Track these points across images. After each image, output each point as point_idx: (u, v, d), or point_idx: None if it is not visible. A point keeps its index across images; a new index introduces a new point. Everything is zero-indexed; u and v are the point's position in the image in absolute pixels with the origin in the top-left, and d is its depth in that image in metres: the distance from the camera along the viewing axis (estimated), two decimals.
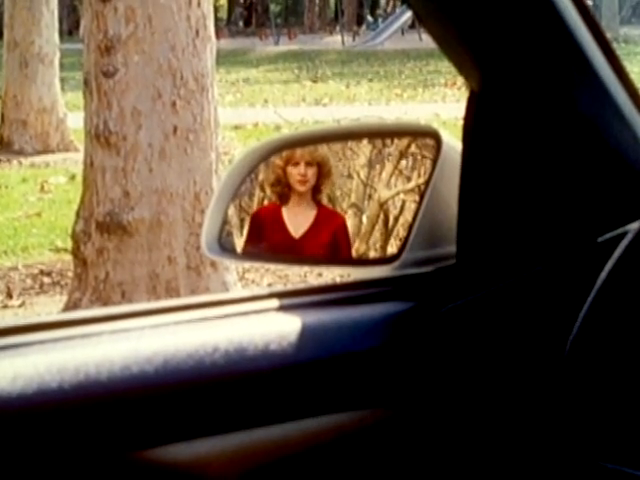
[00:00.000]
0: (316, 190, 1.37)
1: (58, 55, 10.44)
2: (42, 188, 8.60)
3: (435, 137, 1.23)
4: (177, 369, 0.97)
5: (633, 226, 1.03)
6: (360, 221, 1.32)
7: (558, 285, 1.09)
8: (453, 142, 1.21)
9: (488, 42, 1.01)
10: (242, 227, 1.39)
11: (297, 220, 1.37)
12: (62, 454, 0.93)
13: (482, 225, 1.13)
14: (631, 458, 0.93)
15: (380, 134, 1.36)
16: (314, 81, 17.08)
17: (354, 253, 1.34)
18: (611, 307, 0.94)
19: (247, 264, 4.84)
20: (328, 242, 1.37)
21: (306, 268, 4.89)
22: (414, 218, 1.21)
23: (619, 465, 0.93)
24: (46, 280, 5.93)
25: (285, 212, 1.37)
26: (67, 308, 4.67)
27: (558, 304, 1.06)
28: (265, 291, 1.13)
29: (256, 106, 13.89)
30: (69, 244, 4.95)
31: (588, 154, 1.08)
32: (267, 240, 1.39)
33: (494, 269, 1.12)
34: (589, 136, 1.07)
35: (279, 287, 5.34)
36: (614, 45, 1.04)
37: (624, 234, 1.02)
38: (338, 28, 29.87)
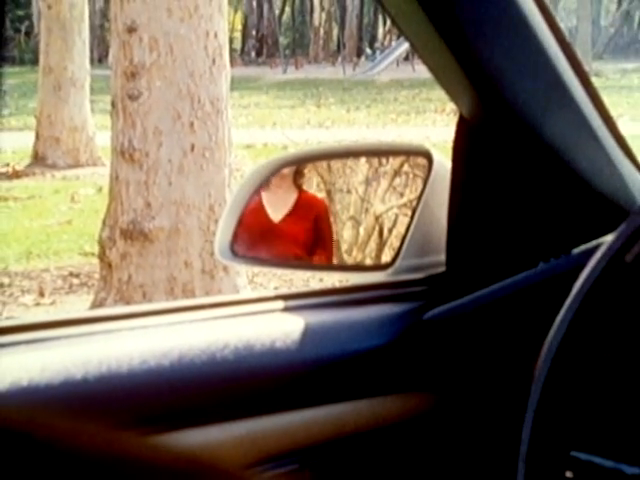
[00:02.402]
0: (298, 174, 1.30)
1: (89, 80, 10.44)
2: (72, 198, 8.60)
3: (427, 156, 1.23)
4: (191, 363, 0.96)
5: (607, 238, 1.02)
6: (358, 232, 1.31)
7: (537, 291, 1.08)
8: (444, 161, 1.20)
9: (478, 72, 1.01)
10: None
11: (277, 204, 1.29)
12: (86, 437, 0.92)
13: (469, 236, 1.12)
14: (603, 448, 0.91)
15: (377, 153, 1.35)
16: (318, 106, 17.08)
17: (352, 261, 1.33)
18: (585, 310, 0.93)
19: (256, 268, 4.84)
20: (309, 227, 1.29)
21: (309, 274, 4.88)
22: (407, 230, 1.21)
23: (592, 455, 0.92)
24: (75, 281, 5.92)
25: (265, 196, 1.30)
26: (93, 306, 4.67)
27: (537, 308, 1.06)
28: (271, 293, 1.12)
29: (266, 128, 13.89)
30: (96, 249, 4.95)
31: (566, 173, 1.08)
32: (245, 224, 1.29)
33: (480, 275, 1.12)
34: (566, 156, 1.07)
35: (284, 290, 5.33)
36: None
37: (598, 246, 1.01)
38: (340, 59, 29.91)
